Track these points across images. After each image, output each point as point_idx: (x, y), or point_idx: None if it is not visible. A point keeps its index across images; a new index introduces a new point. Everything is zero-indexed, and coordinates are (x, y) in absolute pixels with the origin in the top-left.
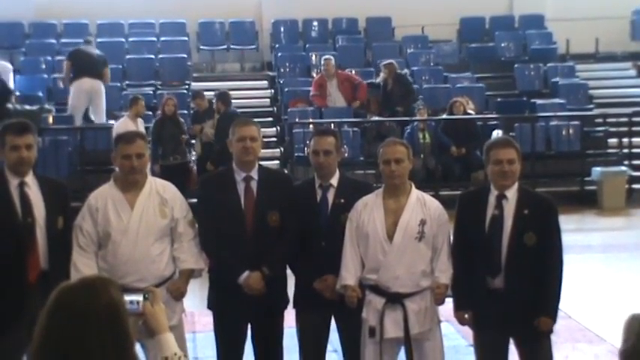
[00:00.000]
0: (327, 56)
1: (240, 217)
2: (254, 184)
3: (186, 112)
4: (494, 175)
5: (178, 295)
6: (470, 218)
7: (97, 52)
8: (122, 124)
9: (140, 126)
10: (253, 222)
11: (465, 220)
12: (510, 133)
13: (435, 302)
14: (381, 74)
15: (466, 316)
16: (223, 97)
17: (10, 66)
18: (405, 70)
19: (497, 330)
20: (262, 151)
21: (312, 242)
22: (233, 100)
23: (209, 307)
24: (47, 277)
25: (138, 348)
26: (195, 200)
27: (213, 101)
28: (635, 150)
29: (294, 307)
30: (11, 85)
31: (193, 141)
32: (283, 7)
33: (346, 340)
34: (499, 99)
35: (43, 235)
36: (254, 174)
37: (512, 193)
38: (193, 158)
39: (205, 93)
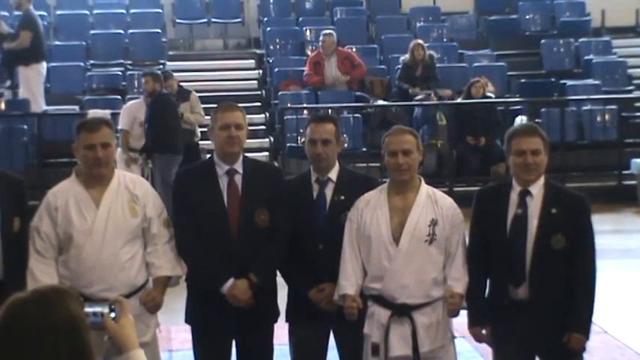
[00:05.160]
0: (327, 31)
1: (224, 217)
2: (238, 179)
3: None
4: (517, 168)
5: (153, 306)
6: (489, 218)
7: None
8: (137, 106)
9: None
10: (238, 222)
11: (484, 221)
12: (536, 120)
13: (448, 314)
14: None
15: (483, 331)
16: (158, 76)
17: None
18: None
19: (520, 347)
20: (249, 141)
21: (307, 245)
22: (215, 82)
23: (187, 321)
24: (3, 287)
25: None
26: None
27: (143, 81)
28: None
29: (287, 320)
30: None
31: None
32: None
33: (346, 359)
34: (523, 80)
35: None
36: (238, 167)
37: (537, 189)
38: None
39: (182, 74)
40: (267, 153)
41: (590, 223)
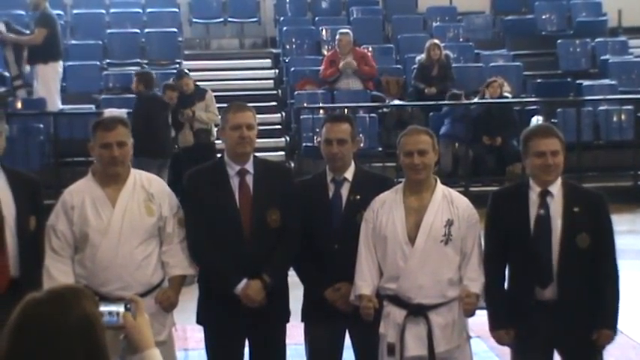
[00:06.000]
0: (343, 30)
1: (236, 217)
2: (250, 179)
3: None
4: (536, 170)
5: (168, 305)
6: (509, 219)
7: None
8: None
9: None
10: (251, 222)
11: (503, 222)
12: (552, 120)
13: (464, 314)
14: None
15: (506, 334)
16: (146, 77)
17: None
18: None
19: (541, 345)
20: (264, 140)
21: (323, 245)
22: (231, 82)
23: (198, 321)
24: (18, 286)
25: None
26: None
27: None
28: None
29: (303, 320)
30: None
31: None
32: None
33: (361, 359)
34: (539, 80)
35: (13, 237)
36: (249, 167)
37: (556, 189)
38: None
39: (199, 73)
40: (282, 153)
41: (610, 221)
